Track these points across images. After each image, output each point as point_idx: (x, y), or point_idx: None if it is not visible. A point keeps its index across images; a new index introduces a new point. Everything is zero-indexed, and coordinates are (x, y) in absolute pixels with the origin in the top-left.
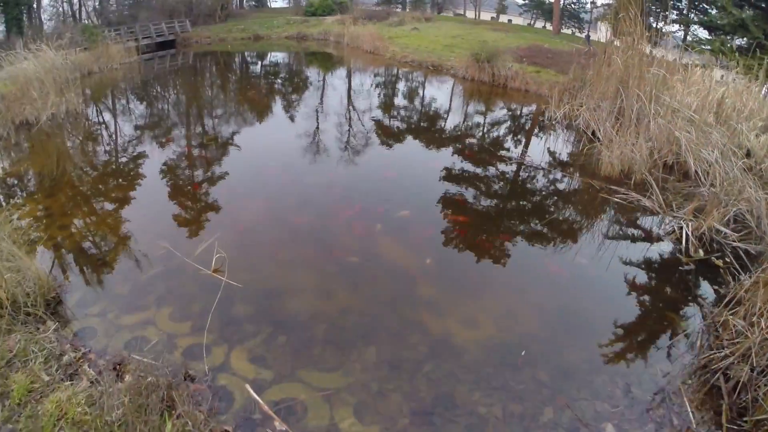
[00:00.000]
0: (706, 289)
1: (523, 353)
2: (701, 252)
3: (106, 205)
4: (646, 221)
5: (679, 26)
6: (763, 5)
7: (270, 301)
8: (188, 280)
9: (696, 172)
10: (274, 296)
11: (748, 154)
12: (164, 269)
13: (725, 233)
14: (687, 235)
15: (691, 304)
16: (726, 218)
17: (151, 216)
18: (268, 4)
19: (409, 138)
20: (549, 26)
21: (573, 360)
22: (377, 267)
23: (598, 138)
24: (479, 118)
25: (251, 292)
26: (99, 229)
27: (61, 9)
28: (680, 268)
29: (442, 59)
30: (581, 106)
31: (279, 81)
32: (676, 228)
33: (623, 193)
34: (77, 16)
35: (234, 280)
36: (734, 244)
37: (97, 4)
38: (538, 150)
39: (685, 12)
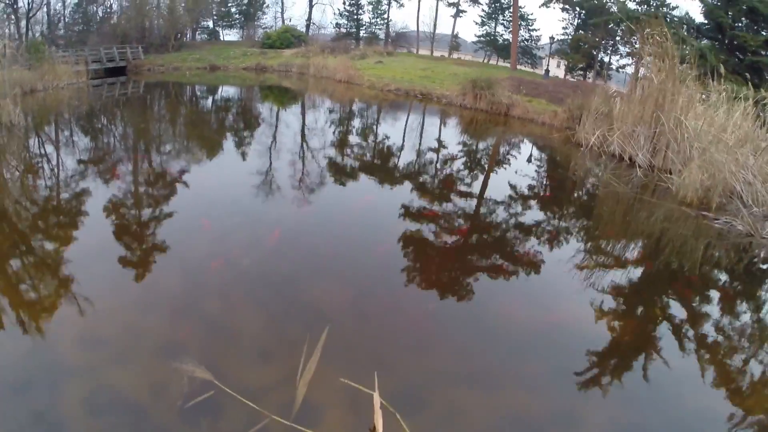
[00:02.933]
0: None
1: None
2: None
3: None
4: (746, 244)
5: (632, 59)
6: (718, 36)
7: None
8: None
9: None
10: None
11: None
12: None
13: None
14: None
15: None
16: None
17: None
18: (221, 36)
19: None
20: (501, 62)
21: None
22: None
23: (637, 163)
24: (516, 150)
25: None
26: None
27: (7, 31)
28: None
29: (428, 88)
30: (612, 131)
31: (298, 122)
32: None
33: (714, 218)
34: (23, 40)
35: None
36: None
37: (44, 28)
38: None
39: (637, 46)
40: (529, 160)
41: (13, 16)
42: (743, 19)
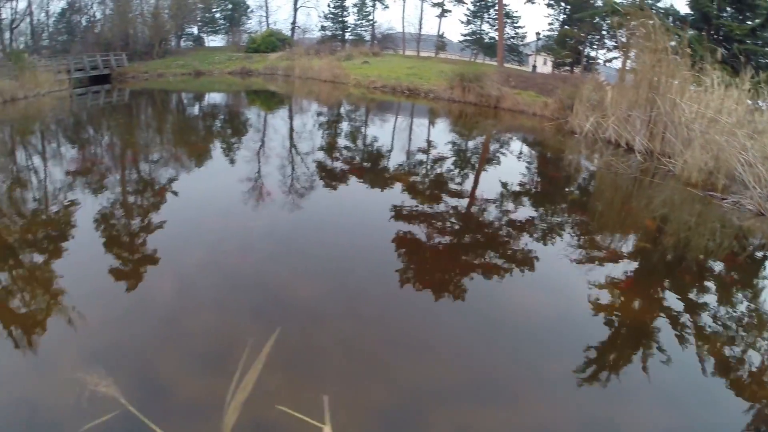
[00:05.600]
0: None
1: None
2: None
3: None
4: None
5: (619, 52)
6: (704, 26)
7: None
8: None
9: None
10: None
11: None
12: None
13: None
14: None
15: None
16: None
17: None
18: (206, 43)
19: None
20: (488, 60)
21: None
22: None
23: (634, 148)
24: (509, 141)
25: None
26: None
27: None
28: None
29: (415, 84)
30: (606, 118)
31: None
32: None
33: (722, 198)
34: (6, 50)
35: None
36: None
37: (29, 39)
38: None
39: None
40: (522, 150)
41: None
42: (728, 8)
